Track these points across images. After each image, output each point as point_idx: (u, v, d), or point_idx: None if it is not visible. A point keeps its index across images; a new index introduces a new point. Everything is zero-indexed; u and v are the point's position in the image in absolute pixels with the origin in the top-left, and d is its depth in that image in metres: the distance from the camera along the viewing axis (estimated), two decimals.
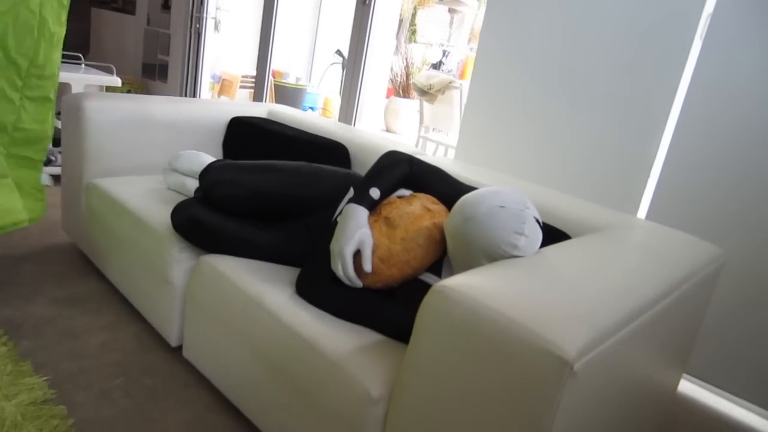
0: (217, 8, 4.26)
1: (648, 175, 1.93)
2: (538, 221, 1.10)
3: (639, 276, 1.06)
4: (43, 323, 1.63)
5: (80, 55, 3.26)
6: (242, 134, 2.19)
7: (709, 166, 1.80)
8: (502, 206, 1.07)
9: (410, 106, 6.99)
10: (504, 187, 1.14)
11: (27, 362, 1.42)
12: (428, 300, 0.88)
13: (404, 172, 1.36)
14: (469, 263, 1.12)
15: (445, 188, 1.38)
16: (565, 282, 0.94)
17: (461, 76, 7.53)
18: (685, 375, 1.88)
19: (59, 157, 2.76)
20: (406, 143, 2.17)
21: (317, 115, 2.43)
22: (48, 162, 2.73)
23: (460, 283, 0.87)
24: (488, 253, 1.07)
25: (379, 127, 6.98)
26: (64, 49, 3.31)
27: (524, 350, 0.77)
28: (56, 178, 2.81)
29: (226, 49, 5.94)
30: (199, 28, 4.02)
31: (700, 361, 1.84)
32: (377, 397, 0.99)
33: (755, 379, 1.75)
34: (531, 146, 2.22)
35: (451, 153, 4.39)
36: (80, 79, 2.85)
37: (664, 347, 1.17)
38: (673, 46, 1.87)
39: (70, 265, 2.01)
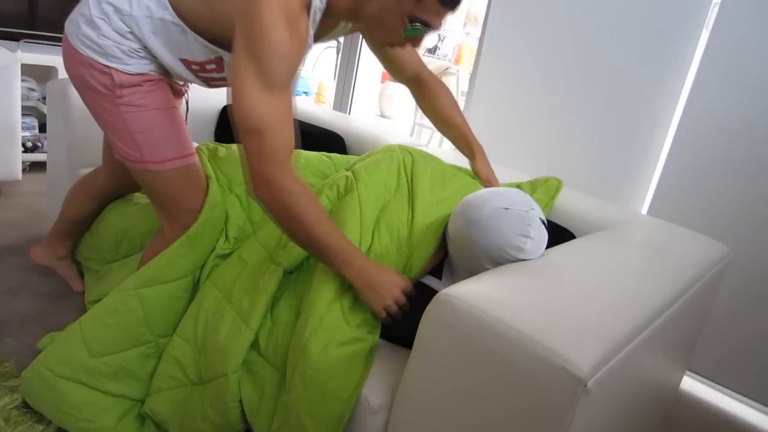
0: None
1: (654, 169, 1.89)
2: (543, 222, 1.06)
3: (648, 280, 1.02)
4: (28, 320, 1.57)
5: None
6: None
7: (713, 160, 1.76)
8: (506, 208, 1.02)
9: (405, 91, 6.89)
10: (507, 188, 1.09)
11: (11, 362, 1.37)
12: (432, 309, 0.84)
13: None
14: (472, 267, 1.07)
15: None
16: (574, 289, 0.90)
17: (457, 61, 7.43)
18: (687, 372, 1.86)
19: (45, 143, 2.68)
20: (401, 131, 2.11)
21: (312, 102, 2.37)
22: (33, 149, 2.65)
23: (465, 291, 0.83)
24: (492, 256, 1.02)
25: (373, 113, 6.90)
26: (47, 29, 3.18)
27: (534, 366, 0.73)
28: (41, 166, 2.74)
29: None
30: None
31: (702, 358, 1.81)
32: (377, 406, 0.95)
33: (757, 377, 1.73)
34: (533, 138, 2.17)
35: (447, 141, 4.32)
36: None
37: (670, 349, 1.14)
38: (680, 37, 1.81)
39: None
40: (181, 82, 1.40)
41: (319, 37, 1.15)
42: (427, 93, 1.44)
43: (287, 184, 1.00)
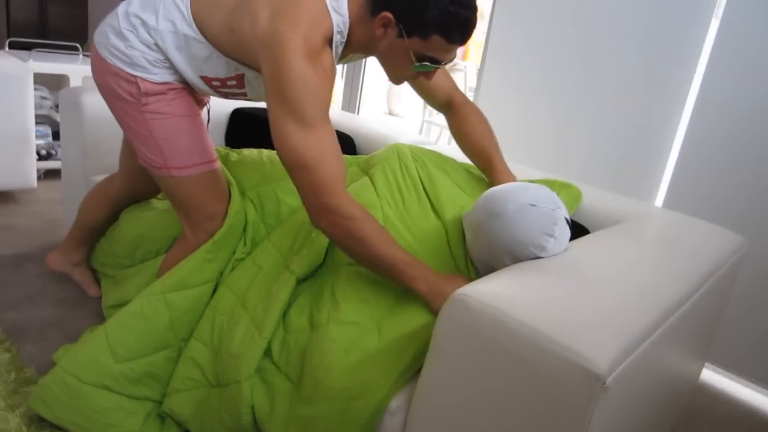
0: None
1: (666, 161, 1.86)
2: (567, 222, 1.04)
3: (664, 273, 1.01)
4: (47, 326, 1.59)
5: (78, 44, 3.17)
6: (245, 125, 2.13)
7: (727, 151, 1.73)
8: (533, 204, 1.00)
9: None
10: (532, 184, 1.08)
11: (31, 368, 1.39)
12: (446, 309, 0.84)
13: None
14: (489, 261, 1.06)
15: None
16: (590, 285, 0.89)
17: (464, 57, 7.40)
18: (706, 364, 1.84)
19: (59, 151, 2.71)
20: (410, 129, 2.11)
21: None
22: (47, 156, 2.68)
23: (481, 290, 0.82)
24: (513, 252, 1.01)
25: (381, 111, 6.90)
26: (58, 38, 3.19)
27: (551, 364, 0.73)
28: (56, 173, 2.77)
29: None
30: None
31: (722, 350, 1.79)
32: (394, 407, 0.95)
33: None
34: (543, 132, 2.16)
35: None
36: (78, 70, 2.77)
37: (689, 342, 1.13)
38: (689, 26, 1.79)
39: None
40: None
41: (338, 62, 1.18)
42: (457, 119, 1.40)
43: (344, 210, 1.01)
